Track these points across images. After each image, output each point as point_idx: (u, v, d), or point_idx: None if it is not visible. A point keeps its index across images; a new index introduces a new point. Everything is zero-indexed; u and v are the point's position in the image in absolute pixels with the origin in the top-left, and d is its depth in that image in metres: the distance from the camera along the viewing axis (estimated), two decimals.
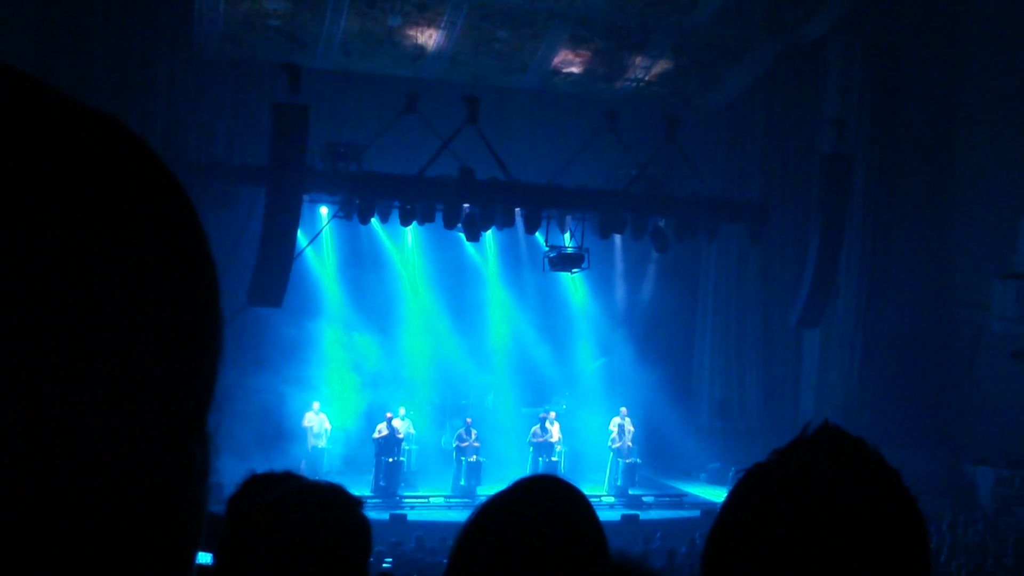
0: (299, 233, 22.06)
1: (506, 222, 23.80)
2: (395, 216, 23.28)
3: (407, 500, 22.64)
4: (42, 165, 0.64)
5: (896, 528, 1.49)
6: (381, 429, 23.14)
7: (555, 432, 24.34)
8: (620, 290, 28.93)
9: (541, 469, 23.99)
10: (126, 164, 0.69)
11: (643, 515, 22.56)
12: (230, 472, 3.51)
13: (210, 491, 0.77)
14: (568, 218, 24.90)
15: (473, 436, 23.89)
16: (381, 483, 22.77)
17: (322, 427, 23.47)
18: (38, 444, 0.62)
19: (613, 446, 24.55)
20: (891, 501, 1.51)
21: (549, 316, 27.66)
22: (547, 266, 24.95)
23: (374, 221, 23.47)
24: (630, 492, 24.16)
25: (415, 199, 22.92)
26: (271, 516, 2.59)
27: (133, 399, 0.66)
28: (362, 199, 22.66)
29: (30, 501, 0.62)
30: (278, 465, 3.46)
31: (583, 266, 24.54)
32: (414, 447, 24.26)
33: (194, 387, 0.72)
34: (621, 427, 24.59)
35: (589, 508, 2.24)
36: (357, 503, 2.71)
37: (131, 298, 0.66)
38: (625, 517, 22.08)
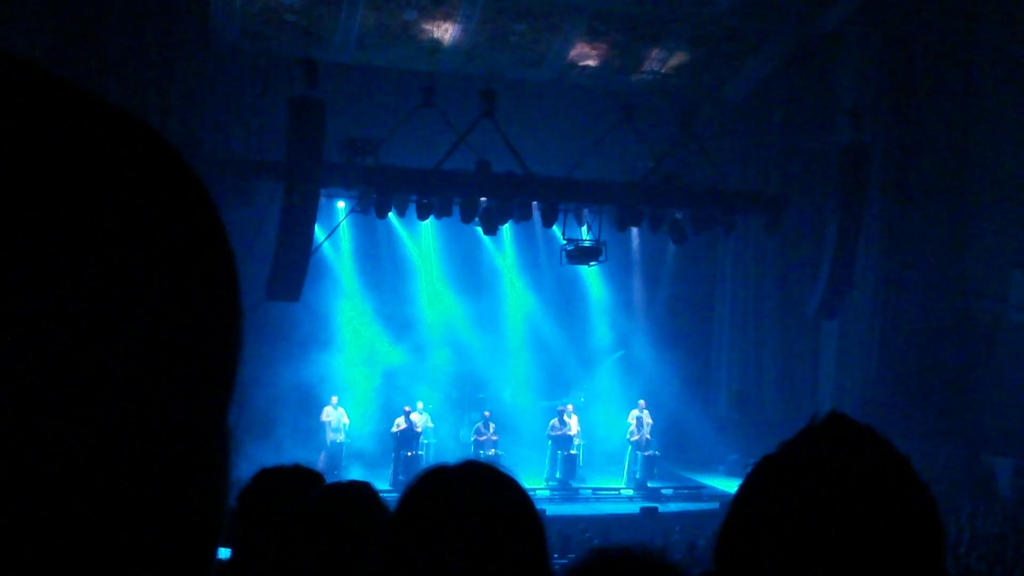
0: (316, 228, 22.10)
1: (523, 216, 23.77)
2: (412, 210, 23.28)
3: None
4: (60, 159, 0.64)
5: (908, 513, 1.49)
6: (399, 423, 23.19)
7: (573, 425, 24.37)
8: (637, 283, 28.91)
9: (560, 462, 24.06)
10: (144, 158, 0.69)
11: (662, 508, 22.54)
12: (246, 467, 3.52)
13: (231, 487, 0.77)
14: (585, 211, 24.88)
15: (491, 430, 23.91)
16: (400, 477, 22.81)
17: (340, 421, 23.53)
18: (55, 443, 0.62)
19: (631, 439, 24.52)
20: (901, 486, 1.51)
21: (567, 309, 27.67)
22: (564, 259, 24.92)
23: (391, 215, 23.46)
24: (649, 485, 24.16)
25: (432, 193, 22.91)
26: (296, 517, 2.59)
27: (153, 396, 0.66)
28: (379, 193, 22.66)
29: (48, 502, 0.62)
30: (296, 459, 3.46)
31: (600, 259, 24.52)
32: (432, 441, 24.27)
33: (215, 382, 0.71)
34: (639, 419, 24.57)
35: (523, 496, 2.16)
36: (384, 504, 2.69)
37: (149, 293, 0.66)
38: (644, 510, 22.09)
